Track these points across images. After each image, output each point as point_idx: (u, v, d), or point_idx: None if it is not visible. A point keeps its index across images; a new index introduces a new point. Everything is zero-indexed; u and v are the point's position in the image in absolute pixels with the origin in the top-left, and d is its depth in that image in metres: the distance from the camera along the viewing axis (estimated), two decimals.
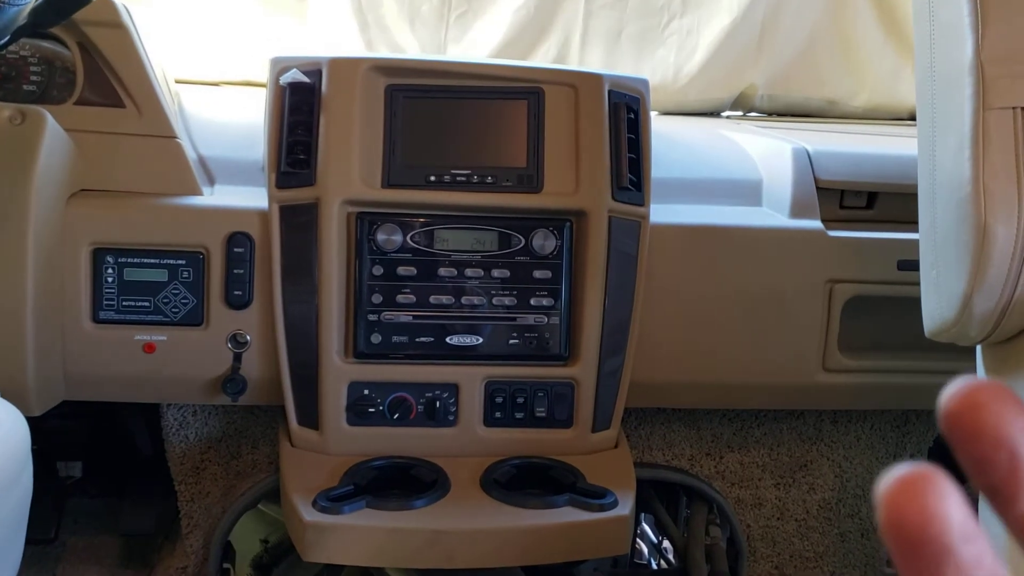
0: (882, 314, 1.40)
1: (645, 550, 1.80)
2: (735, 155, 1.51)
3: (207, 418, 1.48)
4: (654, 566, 1.78)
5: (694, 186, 1.43)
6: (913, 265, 1.01)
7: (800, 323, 1.37)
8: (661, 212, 1.33)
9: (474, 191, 1.26)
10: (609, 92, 1.28)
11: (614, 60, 1.85)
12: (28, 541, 1.05)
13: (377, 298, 1.25)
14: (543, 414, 1.29)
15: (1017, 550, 0.92)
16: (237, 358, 1.26)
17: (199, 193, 1.27)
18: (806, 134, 1.58)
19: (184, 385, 1.29)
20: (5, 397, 1.03)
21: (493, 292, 1.28)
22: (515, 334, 1.28)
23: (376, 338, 1.26)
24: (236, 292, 1.25)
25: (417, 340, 1.27)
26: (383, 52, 1.78)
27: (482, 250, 1.27)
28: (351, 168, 1.23)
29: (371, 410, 1.27)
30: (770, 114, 1.96)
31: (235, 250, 1.24)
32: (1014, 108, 0.85)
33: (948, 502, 0.24)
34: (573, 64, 1.83)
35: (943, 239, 0.91)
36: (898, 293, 1.37)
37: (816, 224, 1.37)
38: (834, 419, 1.62)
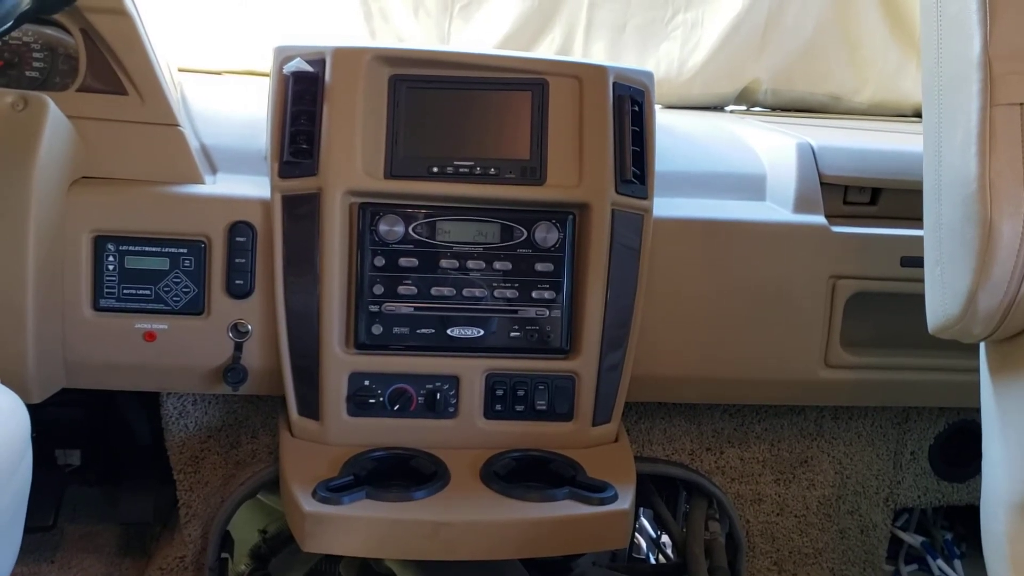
0: (885, 311, 1.40)
1: (644, 545, 1.80)
2: (739, 149, 1.51)
3: (207, 407, 1.47)
4: (652, 561, 1.78)
5: (698, 180, 1.42)
6: (917, 262, 1.01)
7: (802, 319, 1.37)
8: (664, 206, 1.32)
9: (477, 183, 1.25)
10: (613, 84, 1.28)
11: (618, 53, 1.84)
12: (26, 529, 1.05)
13: (378, 289, 1.25)
14: (544, 407, 1.29)
15: (1017, 545, 0.92)
16: (238, 347, 1.26)
17: (201, 182, 1.27)
18: (810, 129, 1.57)
19: (184, 374, 1.29)
20: (5, 384, 1.03)
21: (495, 284, 1.27)
22: (516, 327, 1.28)
23: (377, 329, 1.25)
24: (237, 281, 1.24)
25: (418, 331, 1.26)
26: (387, 42, 1.78)
27: (484, 242, 1.27)
28: (354, 158, 1.22)
29: (371, 401, 1.27)
30: (774, 109, 1.96)
31: (237, 239, 1.24)
32: (1022, 105, 0.85)
33: None
34: (577, 56, 1.83)
35: (948, 236, 0.91)
36: (901, 290, 1.37)
37: (820, 219, 1.37)
38: (835, 415, 1.62)
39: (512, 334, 1.28)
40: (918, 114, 1.75)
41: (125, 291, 1.24)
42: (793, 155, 1.40)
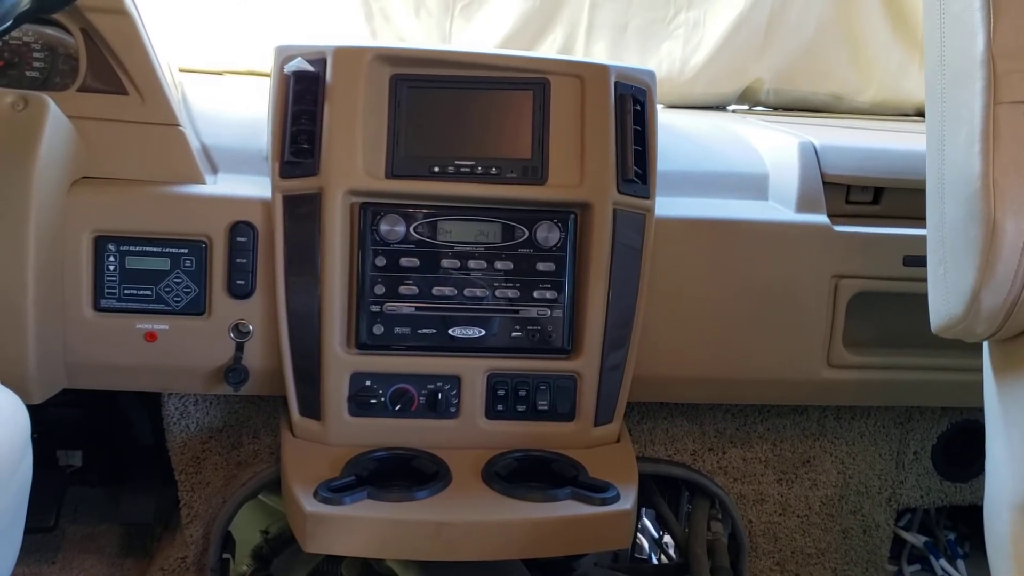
0: (888, 310, 1.40)
1: (646, 545, 1.79)
2: (741, 149, 1.50)
3: (208, 408, 1.47)
4: (655, 561, 1.78)
5: (700, 179, 1.42)
6: (920, 261, 1.00)
7: (805, 318, 1.36)
8: (666, 205, 1.32)
9: (478, 182, 1.25)
10: (615, 84, 1.27)
11: (620, 52, 1.84)
12: (27, 530, 1.04)
13: (380, 289, 1.25)
14: (545, 407, 1.29)
15: (1021, 545, 0.91)
16: (239, 348, 1.26)
17: (202, 182, 1.27)
18: (812, 128, 1.57)
19: (185, 374, 1.28)
20: (5, 385, 1.02)
21: (496, 284, 1.27)
22: (518, 327, 1.28)
23: (378, 329, 1.25)
24: (239, 281, 1.24)
25: (419, 332, 1.26)
26: (388, 42, 1.77)
27: (485, 242, 1.26)
28: (355, 158, 1.22)
29: (373, 401, 1.26)
30: (776, 108, 1.96)
31: (238, 239, 1.24)
32: None
33: None
34: (579, 56, 1.82)
35: (951, 235, 0.90)
36: (904, 289, 1.36)
37: (822, 219, 1.36)
38: (837, 415, 1.61)
39: (513, 334, 1.28)
40: (920, 113, 1.75)
41: (126, 291, 1.24)
42: (795, 154, 1.40)
